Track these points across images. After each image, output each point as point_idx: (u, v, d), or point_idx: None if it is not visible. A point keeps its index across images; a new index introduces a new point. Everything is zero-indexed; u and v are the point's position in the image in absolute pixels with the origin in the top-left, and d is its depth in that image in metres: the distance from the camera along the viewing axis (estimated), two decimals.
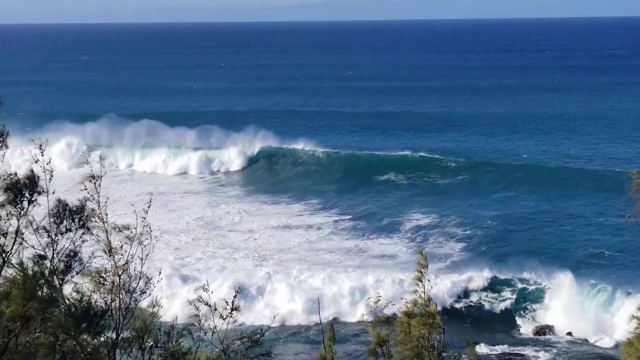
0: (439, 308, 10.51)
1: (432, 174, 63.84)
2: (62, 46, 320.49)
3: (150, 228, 11.75)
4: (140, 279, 11.85)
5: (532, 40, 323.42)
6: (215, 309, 10.55)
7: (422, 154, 67.61)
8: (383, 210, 55.29)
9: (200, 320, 10.56)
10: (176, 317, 11.02)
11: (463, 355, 10.31)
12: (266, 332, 10.84)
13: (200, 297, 10.55)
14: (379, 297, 10.53)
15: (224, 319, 10.46)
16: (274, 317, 34.85)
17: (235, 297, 10.55)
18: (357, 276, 39.98)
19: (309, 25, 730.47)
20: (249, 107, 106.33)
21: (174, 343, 10.69)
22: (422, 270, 10.24)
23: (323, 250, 46.48)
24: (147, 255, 11.67)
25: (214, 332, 10.55)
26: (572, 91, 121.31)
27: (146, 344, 10.89)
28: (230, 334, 10.72)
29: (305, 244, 48.00)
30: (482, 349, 30.22)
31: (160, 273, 12.44)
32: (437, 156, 66.99)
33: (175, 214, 55.39)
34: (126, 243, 11.88)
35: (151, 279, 11.92)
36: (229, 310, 10.46)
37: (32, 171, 11.43)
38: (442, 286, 37.91)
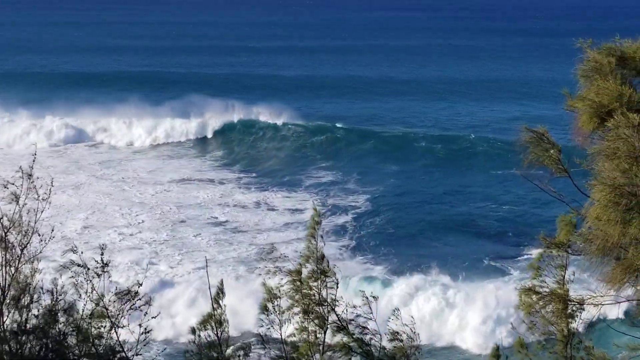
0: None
1: (326, 138, 62.37)
2: None
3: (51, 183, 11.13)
4: (32, 234, 11.22)
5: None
6: (88, 268, 10.02)
7: (319, 122, 65.54)
8: (286, 168, 55.32)
9: (76, 282, 10.02)
10: (59, 276, 10.41)
11: (358, 307, 10.01)
12: (142, 284, 10.34)
13: (72, 260, 10.00)
14: (273, 247, 10.11)
15: (98, 276, 9.96)
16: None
17: (102, 253, 10.03)
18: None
19: None
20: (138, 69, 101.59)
21: (55, 301, 10.15)
22: (316, 227, 9.91)
23: (228, 206, 45.85)
24: (42, 211, 11.03)
25: (93, 290, 10.02)
26: (470, 53, 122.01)
27: (30, 301, 10.31)
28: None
29: (209, 199, 47.31)
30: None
31: (52, 230, 11.73)
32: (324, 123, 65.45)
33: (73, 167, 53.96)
34: (13, 200, 11.18)
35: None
36: (101, 267, 9.98)
37: None
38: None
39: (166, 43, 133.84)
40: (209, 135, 64.57)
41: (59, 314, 10.68)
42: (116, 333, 10.42)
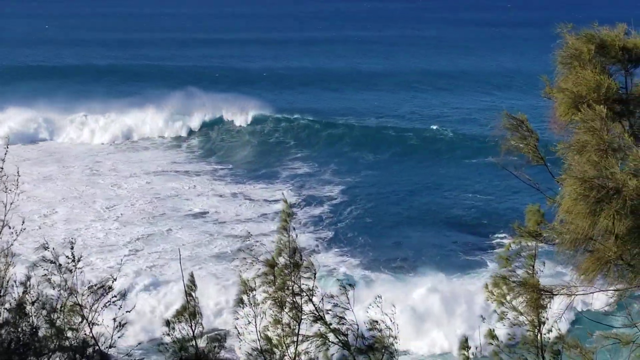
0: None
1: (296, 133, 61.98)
2: None
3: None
4: (2, 227, 11.00)
5: None
6: (60, 265, 9.81)
7: (290, 115, 64.48)
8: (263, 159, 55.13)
9: (49, 277, 9.82)
10: (31, 271, 10.20)
11: (335, 298, 9.91)
12: (116, 278, 10.17)
13: (44, 256, 9.78)
14: (250, 236, 9.99)
15: (70, 272, 9.74)
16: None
17: (72, 248, 9.82)
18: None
19: None
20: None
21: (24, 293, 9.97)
22: (287, 219, 9.77)
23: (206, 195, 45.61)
24: (11, 203, 10.81)
25: (66, 284, 9.82)
26: (440, 45, 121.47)
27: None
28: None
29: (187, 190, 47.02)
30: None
31: (23, 222, 11.50)
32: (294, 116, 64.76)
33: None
34: None
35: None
36: (72, 263, 9.77)
37: None
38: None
39: (134, 35, 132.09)
40: (182, 128, 63.37)
41: (30, 308, 10.51)
42: (89, 326, 10.26)
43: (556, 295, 8.50)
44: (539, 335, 9.92)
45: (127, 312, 10.77)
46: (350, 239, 38.53)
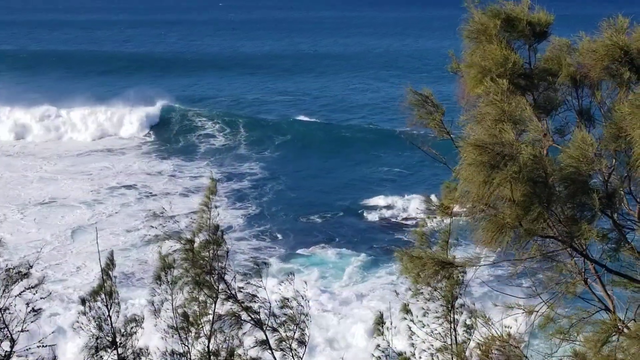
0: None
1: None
2: None
3: None
4: None
5: None
6: None
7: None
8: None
9: None
10: None
11: (248, 276, 9.80)
12: (34, 264, 9.83)
13: None
14: (163, 211, 9.79)
15: None
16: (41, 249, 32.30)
17: None
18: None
19: None
20: None
21: None
22: (210, 197, 9.62)
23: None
24: None
25: None
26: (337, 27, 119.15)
27: None
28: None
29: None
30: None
31: None
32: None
33: None
34: None
35: None
36: None
37: None
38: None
39: (27, 17, 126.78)
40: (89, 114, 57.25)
41: None
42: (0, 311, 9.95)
43: (458, 267, 8.49)
44: (452, 310, 10.00)
45: (41, 298, 10.44)
46: (268, 216, 38.19)
